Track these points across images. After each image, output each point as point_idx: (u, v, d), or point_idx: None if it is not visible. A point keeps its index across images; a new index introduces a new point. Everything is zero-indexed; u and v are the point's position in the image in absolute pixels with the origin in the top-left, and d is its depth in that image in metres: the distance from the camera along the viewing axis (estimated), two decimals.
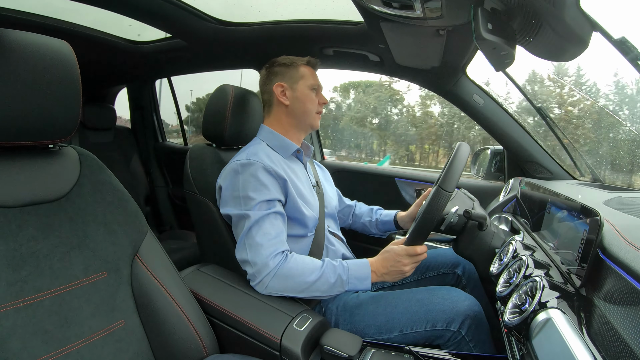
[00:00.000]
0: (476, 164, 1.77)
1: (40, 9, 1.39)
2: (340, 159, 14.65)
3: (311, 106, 1.13)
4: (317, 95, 1.15)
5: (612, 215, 0.71)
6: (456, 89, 1.40)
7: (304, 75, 1.13)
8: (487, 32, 0.72)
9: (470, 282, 1.14)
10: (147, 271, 0.79)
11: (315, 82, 1.14)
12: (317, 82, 1.15)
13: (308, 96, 1.13)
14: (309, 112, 1.13)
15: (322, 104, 1.16)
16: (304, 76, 1.13)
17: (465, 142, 0.92)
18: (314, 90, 1.14)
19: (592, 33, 0.68)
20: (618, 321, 0.45)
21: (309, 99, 1.13)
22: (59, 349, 0.63)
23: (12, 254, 0.63)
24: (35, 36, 0.66)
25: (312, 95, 1.13)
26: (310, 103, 1.13)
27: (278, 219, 0.96)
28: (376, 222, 1.34)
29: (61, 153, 0.76)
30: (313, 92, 1.13)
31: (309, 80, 1.13)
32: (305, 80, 1.13)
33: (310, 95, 1.13)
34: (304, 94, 1.12)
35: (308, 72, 1.14)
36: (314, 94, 1.14)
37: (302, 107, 1.13)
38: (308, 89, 1.13)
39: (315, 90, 1.14)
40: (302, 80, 1.13)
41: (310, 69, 1.15)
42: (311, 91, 1.13)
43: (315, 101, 1.14)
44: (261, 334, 0.83)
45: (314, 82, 1.14)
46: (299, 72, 1.13)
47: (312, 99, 1.13)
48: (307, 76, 1.13)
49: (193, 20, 1.33)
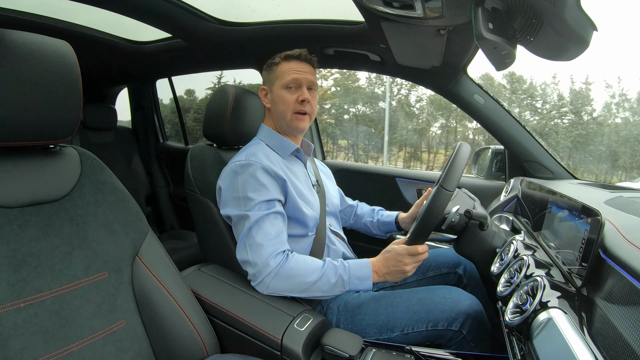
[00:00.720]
0: (477, 164, 1.77)
1: (41, 9, 1.39)
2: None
3: (284, 107, 1.06)
4: (297, 91, 1.06)
5: (613, 214, 0.71)
6: (457, 89, 1.40)
7: (279, 74, 1.06)
8: (487, 31, 0.72)
9: (471, 282, 1.14)
10: (148, 271, 0.79)
11: (290, 79, 1.04)
12: (293, 78, 1.05)
13: (281, 97, 1.06)
14: (283, 115, 1.07)
15: (301, 101, 1.05)
16: (279, 75, 1.06)
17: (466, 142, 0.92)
18: (291, 89, 1.06)
19: (593, 33, 0.68)
20: (619, 321, 0.45)
21: (281, 100, 1.06)
22: (60, 349, 0.63)
23: (13, 254, 0.63)
24: (36, 36, 0.66)
25: (285, 95, 1.05)
26: (283, 104, 1.06)
27: (278, 219, 0.96)
28: (377, 223, 1.34)
29: (62, 153, 0.76)
30: (288, 91, 1.05)
31: (283, 79, 1.05)
32: (280, 79, 1.06)
33: (283, 95, 1.06)
34: (277, 95, 1.07)
35: (285, 69, 1.06)
36: (288, 93, 1.05)
37: (276, 109, 1.08)
38: (282, 88, 1.06)
39: (293, 88, 1.06)
40: (277, 80, 1.07)
41: (289, 64, 1.06)
42: (285, 90, 1.05)
43: (290, 100, 1.05)
44: (262, 334, 0.83)
45: (289, 78, 1.05)
46: (276, 73, 1.07)
47: (285, 99, 1.05)
48: (282, 74, 1.06)
49: (193, 20, 1.33)
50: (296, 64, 1.07)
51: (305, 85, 1.07)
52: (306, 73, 1.07)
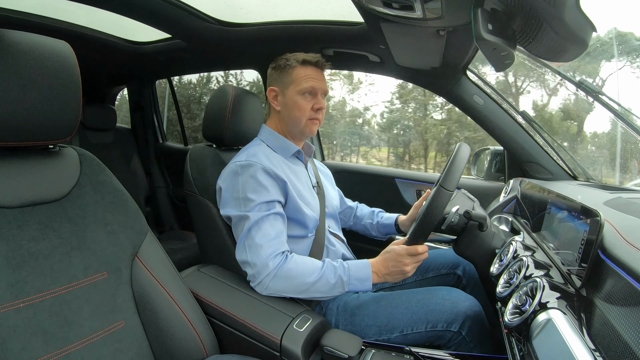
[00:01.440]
0: (476, 165, 1.77)
1: (40, 9, 1.39)
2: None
3: (299, 114, 1.05)
4: (313, 99, 1.06)
5: (613, 215, 0.71)
6: (456, 90, 1.41)
7: (295, 79, 1.05)
8: (487, 32, 0.72)
9: (471, 283, 1.14)
10: (147, 272, 0.79)
11: (308, 86, 1.04)
12: (310, 86, 1.04)
13: (296, 103, 1.05)
14: (297, 121, 1.06)
15: (317, 109, 1.06)
16: (295, 80, 1.05)
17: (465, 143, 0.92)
18: (307, 95, 1.05)
19: (592, 33, 0.68)
20: (618, 322, 0.45)
21: (297, 106, 1.05)
22: (59, 349, 0.63)
23: (12, 255, 0.63)
24: (35, 37, 0.66)
25: (301, 102, 1.05)
26: (299, 110, 1.05)
27: (278, 220, 0.96)
28: (377, 225, 1.34)
29: (61, 153, 0.76)
30: (304, 98, 1.05)
31: (299, 85, 1.04)
32: (295, 84, 1.05)
33: (299, 102, 1.05)
34: (292, 101, 1.06)
35: (301, 75, 1.05)
36: (304, 100, 1.05)
37: (290, 114, 1.07)
38: (298, 94, 1.05)
39: (309, 95, 1.06)
40: (293, 84, 1.05)
41: (306, 70, 1.06)
42: (301, 96, 1.05)
43: (306, 108, 1.05)
44: (261, 335, 0.83)
45: (307, 85, 1.04)
46: (291, 76, 1.06)
47: (301, 106, 1.05)
48: (298, 80, 1.05)
49: (193, 21, 1.33)
50: (313, 71, 1.07)
51: (321, 93, 1.08)
52: (322, 81, 1.08)
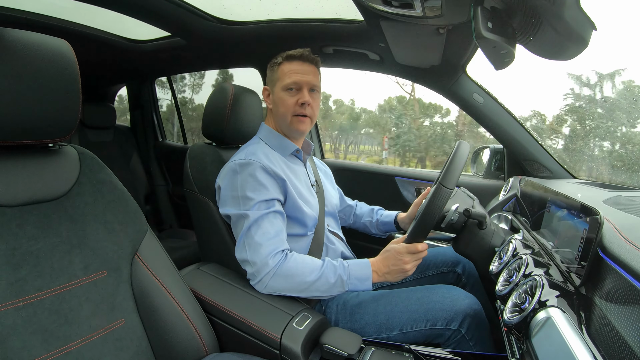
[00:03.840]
0: (476, 163, 1.77)
1: (40, 7, 1.39)
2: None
3: (284, 110, 1.05)
4: (298, 93, 1.05)
5: (612, 214, 0.71)
6: (456, 88, 1.40)
7: (280, 75, 1.06)
8: (487, 30, 0.72)
9: (470, 281, 1.14)
10: (147, 270, 0.79)
11: (291, 81, 1.03)
12: (293, 80, 1.03)
13: (281, 99, 1.05)
14: (283, 117, 1.06)
15: (302, 104, 1.04)
16: (280, 76, 1.06)
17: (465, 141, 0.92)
18: (291, 90, 1.04)
19: (593, 32, 0.68)
20: (618, 320, 0.45)
21: (281, 102, 1.05)
22: (59, 348, 0.63)
23: (12, 253, 0.63)
24: (35, 35, 0.65)
25: (285, 97, 1.04)
26: (283, 106, 1.05)
27: (277, 218, 0.96)
28: (377, 223, 1.34)
29: (61, 152, 0.76)
30: (289, 93, 1.04)
31: (283, 81, 1.05)
32: (281, 81, 1.05)
33: (283, 97, 1.05)
34: (278, 97, 1.06)
35: (286, 70, 1.05)
36: (289, 95, 1.04)
37: (278, 111, 1.07)
38: (282, 90, 1.05)
39: (293, 90, 1.04)
40: (279, 81, 1.06)
41: (291, 65, 1.05)
42: (286, 92, 1.04)
43: (290, 103, 1.04)
44: (261, 333, 0.83)
45: (289, 81, 1.03)
46: (277, 73, 1.07)
47: (285, 102, 1.05)
48: (282, 76, 1.05)
49: (193, 19, 1.33)
50: (298, 65, 1.05)
51: (307, 87, 1.05)
52: (307, 74, 1.05)
